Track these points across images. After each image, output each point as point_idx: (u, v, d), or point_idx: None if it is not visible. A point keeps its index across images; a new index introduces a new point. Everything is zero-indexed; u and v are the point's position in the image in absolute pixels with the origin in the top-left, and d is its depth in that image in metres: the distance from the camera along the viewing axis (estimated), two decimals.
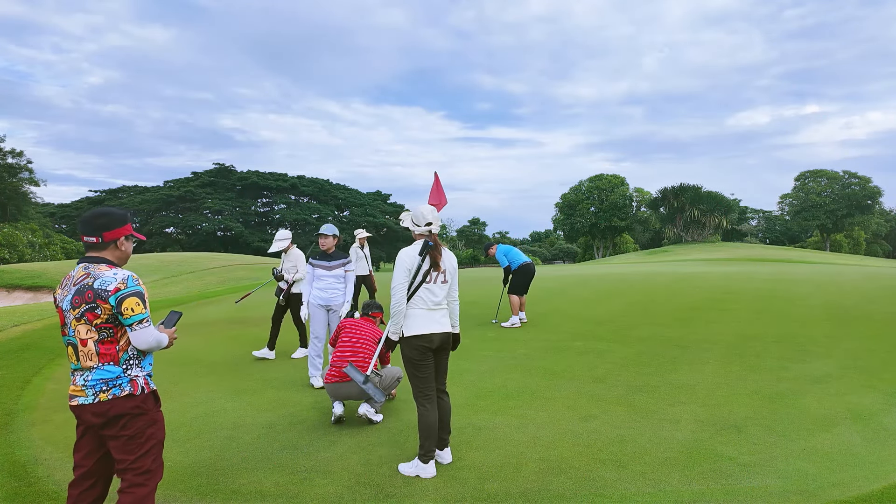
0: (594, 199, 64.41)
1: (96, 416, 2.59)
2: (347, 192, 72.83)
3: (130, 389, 2.61)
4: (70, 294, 2.60)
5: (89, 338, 2.58)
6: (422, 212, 3.92)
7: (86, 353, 2.59)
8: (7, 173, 47.38)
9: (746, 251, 39.64)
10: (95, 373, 2.59)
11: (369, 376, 4.40)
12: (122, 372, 2.61)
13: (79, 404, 2.59)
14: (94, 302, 2.55)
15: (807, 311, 9.37)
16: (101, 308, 2.56)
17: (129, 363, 2.65)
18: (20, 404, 5.48)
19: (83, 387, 2.59)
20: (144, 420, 2.65)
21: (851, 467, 3.69)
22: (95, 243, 2.67)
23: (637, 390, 5.48)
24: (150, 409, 2.68)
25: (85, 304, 2.56)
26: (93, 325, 2.57)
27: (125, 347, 2.64)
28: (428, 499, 3.43)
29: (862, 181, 63.22)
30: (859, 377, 5.72)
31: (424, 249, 3.80)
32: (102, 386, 2.58)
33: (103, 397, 2.57)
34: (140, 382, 2.65)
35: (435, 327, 3.80)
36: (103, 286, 2.55)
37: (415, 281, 3.76)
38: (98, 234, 2.67)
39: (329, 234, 6.12)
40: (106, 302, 2.55)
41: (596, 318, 9.38)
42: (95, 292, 2.55)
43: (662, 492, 3.43)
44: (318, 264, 6.10)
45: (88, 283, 2.58)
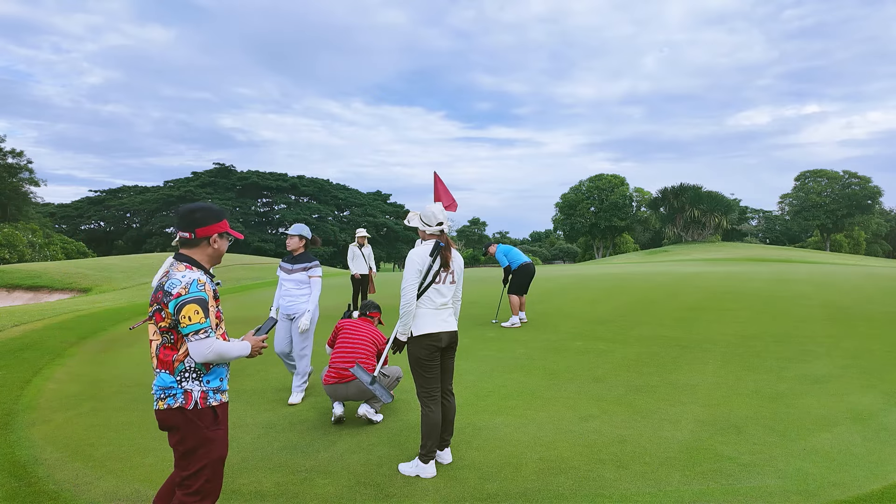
0: (594, 199, 64.40)
1: (159, 422, 2.51)
2: (347, 192, 72.85)
3: (183, 402, 2.45)
4: (153, 291, 2.51)
5: (154, 340, 2.50)
6: (433, 211, 3.92)
7: (153, 355, 2.52)
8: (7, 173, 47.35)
9: (746, 251, 39.64)
10: (157, 378, 2.50)
11: (376, 377, 4.39)
12: (175, 382, 2.47)
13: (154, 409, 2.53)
14: (160, 303, 2.44)
15: (807, 311, 9.37)
16: (166, 311, 2.43)
17: (185, 375, 2.48)
18: (20, 404, 5.48)
19: (153, 391, 2.52)
20: (196, 438, 2.46)
21: (851, 467, 3.69)
22: (188, 239, 2.57)
23: (637, 390, 5.48)
24: (204, 426, 2.48)
25: (155, 304, 2.46)
26: (158, 327, 2.47)
27: (182, 358, 2.48)
28: (428, 499, 3.43)
29: (862, 181, 63.20)
30: (859, 377, 5.72)
31: (436, 250, 3.80)
32: (161, 393, 2.48)
33: (161, 405, 2.48)
34: (195, 396, 2.47)
35: (443, 326, 3.81)
36: (169, 288, 2.42)
37: (425, 281, 3.77)
38: (191, 230, 2.56)
39: (294, 234, 5.45)
40: (167, 306, 2.42)
41: (596, 318, 9.38)
42: (164, 294, 2.43)
43: (662, 492, 3.43)
44: (282, 266, 5.56)
45: (163, 282, 2.48)
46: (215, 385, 2.54)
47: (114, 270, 22.54)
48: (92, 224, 66.11)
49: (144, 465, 3.99)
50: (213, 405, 2.52)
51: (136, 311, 11.70)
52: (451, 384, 4.00)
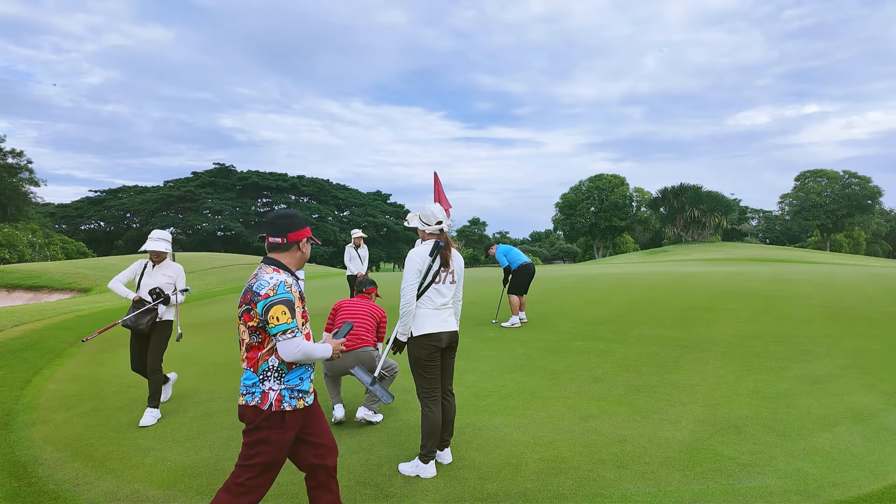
0: (594, 199, 64.40)
1: (238, 415, 2.61)
2: (347, 192, 72.89)
3: (259, 401, 2.54)
4: (242, 293, 2.62)
5: (243, 339, 2.60)
6: (432, 211, 3.93)
7: (242, 354, 2.63)
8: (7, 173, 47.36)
9: (746, 251, 39.65)
10: (244, 375, 2.62)
11: (376, 378, 4.36)
12: (258, 381, 2.56)
13: None
14: (249, 304, 2.54)
15: (807, 311, 9.37)
16: (254, 311, 2.53)
17: (267, 374, 2.56)
18: (20, 404, 5.48)
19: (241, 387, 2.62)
20: (259, 436, 2.54)
21: (851, 467, 3.69)
22: (280, 244, 2.70)
23: (637, 390, 5.48)
24: (269, 426, 2.54)
25: (244, 305, 2.56)
26: (247, 326, 2.57)
27: (266, 357, 2.57)
28: (428, 499, 3.43)
29: (862, 181, 63.21)
30: (859, 377, 5.72)
31: (436, 250, 3.81)
32: (243, 389, 2.59)
33: (241, 400, 2.59)
34: (271, 397, 2.55)
35: (443, 326, 3.80)
36: (258, 289, 2.53)
37: (424, 281, 3.77)
38: (283, 235, 2.70)
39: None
40: (256, 306, 2.52)
41: (596, 318, 9.38)
42: (252, 294, 2.54)
43: (662, 492, 3.43)
44: None
45: (251, 283, 2.58)
46: (294, 383, 2.62)
47: (114, 270, 22.53)
48: (92, 224, 66.14)
49: (144, 465, 3.99)
50: (287, 409, 2.58)
51: None
52: (451, 384, 4.00)
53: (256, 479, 2.55)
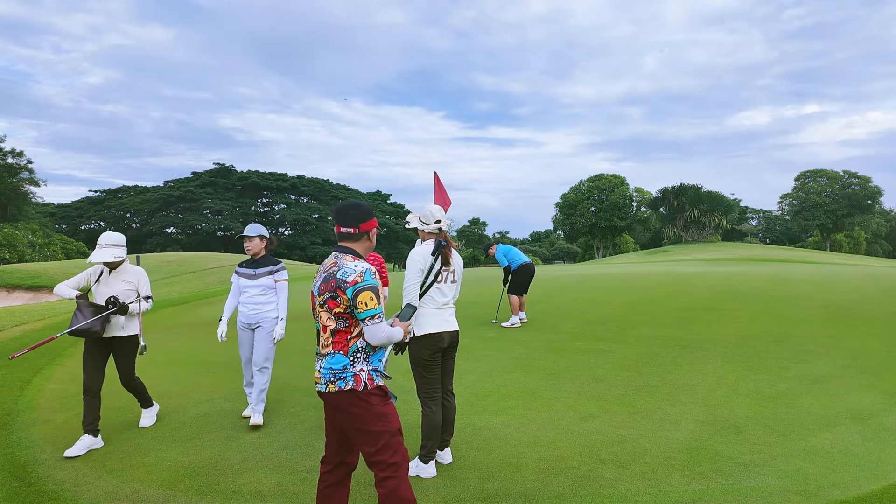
0: (594, 199, 64.40)
1: (330, 406, 2.69)
2: (347, 193, 72.89)
3: (353, 384, 2.62)
4: (319, 280, 2.72)
5: (328, 325, 2.68)
6: (431, 211, 3.94)
7: (324, 340, 2.70)
8: (7, 173, 47.37)
9: (746, 251, 39.65)
10: (327, 360, 2.67)
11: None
12: (348, 363, 2.65)
13: (319, 391, 2.69)
14: (335, 291, 2.63)
15: (807, 311, 9.37)
16: (341, 298, 2.63)
17: (357, 356, 2.67)
18: (20, 404, 5.48)
19: (319, 374, 2.69)
20: (372, 414, 2.63)
21: (851, 467, 3.69)
22: (352, 234, 2.80)
23: (637, 390, 5.48)
24: (375, 403, 2.65)
25: (328, 293, 2.65)
26: (332, 313, 2.66)
27: (355, 339, 2.68)
28: (428, 499, 3.43)
29: (862, 181, 63.22)
30: (859, 377, 5.72)
31: (438, 249, 3.82)
32: (331, 376, 2.65)
33: (332, 388, 2.64)
34: (363, 378, 2.65)
35: (445, 326, 3.80)
36: (344, 277, 2.63)
37: (426, 280, 3.77)
38: (355, 225, 2.79)
39: (254, 235, 4.95)
40: (344, 293, 2.61)
41: (596, 318, 9.38)
42: (337, 282, 2.63)
43: (662, 492, 3.43)
44: (242, 272, 5.01)
45: (334, 272, 2.67)
46: (375, 365, 2.73)
47: None
48: (92, 224, 66.14)
49: (144, 465, 3.99)
50: (379, 384, 2.70)
51: None
52: (451, 384, 4.00)
53: (396, 452, 2.68)
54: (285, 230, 68.46)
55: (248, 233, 4.95)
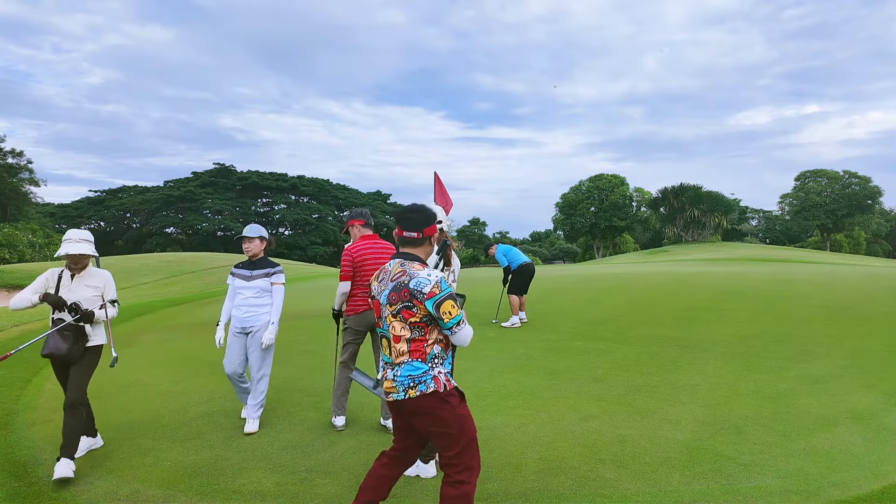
0: (594, 199, 64.37)
1: (411, 412, 2.68)
2: (347, 192, 72.86)
3: (434, 386, 2.63)
4: (387, 289, 2.69)
5: (402, 335, 2.66)
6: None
7: (397, 350, 2.68)
8: (7, 173, 47.36)
9: (746, 251, 39.64)
10: (404, 368, 2.66)
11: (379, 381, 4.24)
12: (427, 368, 2.65)
13: (394, 400, 2.69)
14: (409, 301, 2.61)
15: (807, 311, 9.37)
16: (417, 307, 2.61)
17: (434, 361, 2.68)
18: (20, 404, 5.48)
19: (394, 383, 2.68)
20: (453, 416, 2.65)
21: (851, 467, 3.69)
22: (415, 238, 2.78)
23: (637, 390, 5.48)
24: (455, 404, 2.68)
25: (401, 303, 2.63)
26: (407, 322, 2.64)
27: (431, 346, 2.68)
28: (428, 499, 3.43)
29: (862, 181, 63.20)
30: (859, 377, 5.72)
31: (443, 249, 3.80)
32: (409, 382, 2.64)
33: (412, 394, 2.63)
34: (442, 380, 2.67)
35: None
36: (419, 287, 2.60)
37: None
38: (419, 230, 2.78)
39: (254, 237, 4.76)
40: (422, 303, 2.60)
41: (596, 318, 9.38)
42: (411, 292, 2.61)
43: (662, 492, 3.43)
44: (239, 273, 4.80)
45: (404, 281, 2.64)
46: (448, 368, 2.75)
47: (114, 270, 22.53)
48: (92, 224, 66.13)
49: (144, 465, 3.99)
50: (455, 385, 2.73)
51: (135, 311, 11.71)
52: None
53: (473, 456, 2.69)
54: (285, 230, 68.44)
55: (248, 233, 4.76)
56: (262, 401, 4.76)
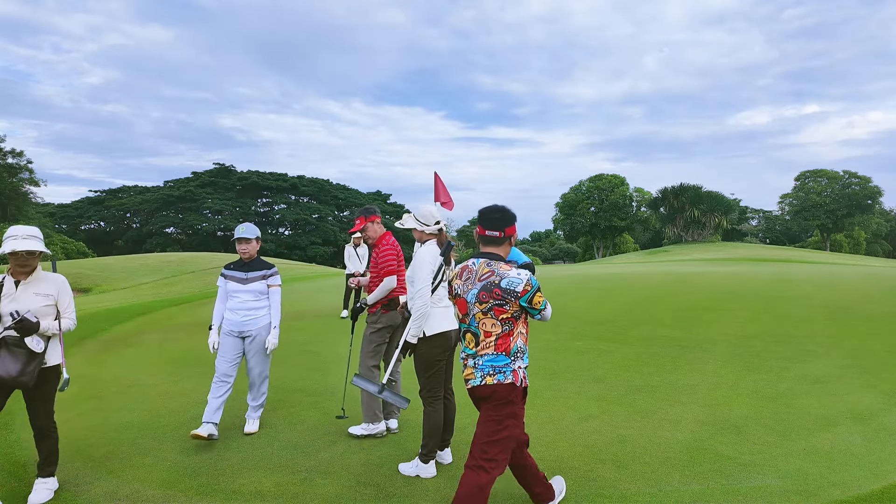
0: (594, 199, 64.39)
1: (481, 396, 2.85)
2: (347, 192, 72.84)
3: (512, 379, 2.79)
4: (476, 289, 2.85)
5: (493, 331, 2.83)
6: (430, 211, 3.94)
7: (486, 343, 2.84)
8: (7, 173, 47.37)
9: (746, 251, 39.64)
10: (487, 358, 2.83)
11: (384, 385, 4.15)
12: (509, 361, 2.81)
13: (472, 387, 2.86)
14: (501, 299, 2.78)
15: (807, 311, 9.37)
16: (509, 305, 2.79)
17: (516, 356, 2.84)
18: (20, 404, 5.47)
19: (474, 370, 2.85)
20: (510, 410, 2.81)
21: (851, 467, 3.69)
22: (497, 238, 2.91)
23: (637, 390, 5.48)
24: (518, 402, 2.84)
25: (492, 301, 2.80)
26: (498, 319, 2.81)
27: (515, 340, 2.84)
28: (428, 499, 3.43)
29: (862, 181, 63.20)
30: (859, 377, 5.72)
31: (448, 250, 3.80)
32: (490, 370, 2.81)
33: (489, 381, 2.80)
34: (520, 375, 2.82)
35: (453, 324, 3.82)
36: (511, 286, 2.77)
37: (435, 280, 3.75)
38: (501, 229, 2.91)
39: (251, 237, 4.62)
40: (515, 301, 2.78)
41: (596, 318, 9.38)
42: (503, 291, 2.78)
43: (662, 492, 3.43)
44: (232, 276, 4.63)
45: (495, 280, 2.80)
46: (526, 363, 2.91)
47: (114, 270, 22.56)
48: (92, 224, 66.16)
49: (144, 465, 3.99)
50: (525, 386, 2.89)
51: (135, 311, 11.72)
52: (451, 383, 4.01)
53: (504, 452, 2.80)
54: (285, 230, 68.44)
55: (246, 234, 4.57)
56: (262, 402, 4.77)
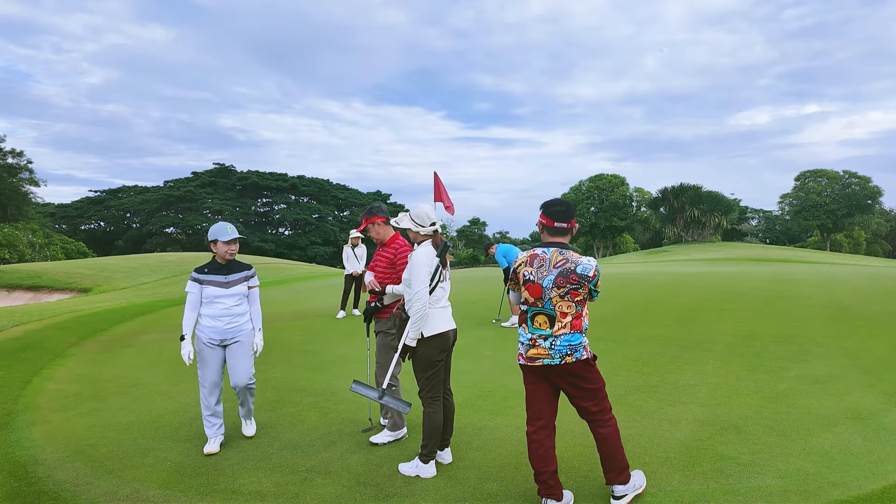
0: (594, 199, 64.36)
1: (558, 374, 3.18)
2: (347, 192, 72.82)
3: (586, 355, 3.16)
4: (552, 275, 3.14)
5: (569, 312, 3.14)
6: (425, 211, 3.90)
7: (562, 324, 3.14)
8: (7, 173, 47.36)
9: (746, 251, 39.63)
10: (563, 339, 3.14)
11: (385, 390, 4.11)
12: (582, 339, 3.16)
13: (544, 364, 3.16)
14: (577, 284, 3.12)
15: (807, 311, 9.37)
16: (583, 288, 3.14)
17: (585, 332, 3.20)
18: (20, 404, 5.48)
19: (549, 350, 3.14)
20: (595, 376, 3.23)
21: (851, 467, 3.69)
22: (565, 228, 3.25)
23: (637, 390, 5.48)
24: (594, 367, 3.24)
25: (569, 285, 3.12)
26: (573, 301, 3.14)
27: (585, 318, 3.20)
28: (428, 499, 3.43)
29: (862, 181, 63.16)
30: (859, 377, 5.72)
31: (444, 251, 3.82)
32: (567, 350, 3.13)
33: (569, 360, 3.13)
34: (589, 350, 3.21)
35: (450, 325, 3.85)
36: (585, 272, 3.14)
37: (432, 282, 3.74)
38: (568, 220, 3.27)
39: (237, 238, 4.31)
40: (587, 284, 3.14)
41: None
42: (579, 276, 3.13)
43: (662, 492, 3.43)
44: (211, 280, 4.25)
45: (570, 267, 3.14)
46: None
47: (114, 270, 22.56)
48: (92, 224, 66.14)
49: (144, 465, 3.99)
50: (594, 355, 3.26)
51: (136, 312, 11.71)
52: (449, 383, 4.03)
53: (606, 399, 3.29)
54: (285, 230, 68.43)
55: (234, 235, 4.27)
56: (252, 404, 4.56)
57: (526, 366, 3.24)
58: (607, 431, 3.25)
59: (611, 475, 3.25)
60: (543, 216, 3.28)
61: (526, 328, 3.23)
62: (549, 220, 3.24)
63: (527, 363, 3.21)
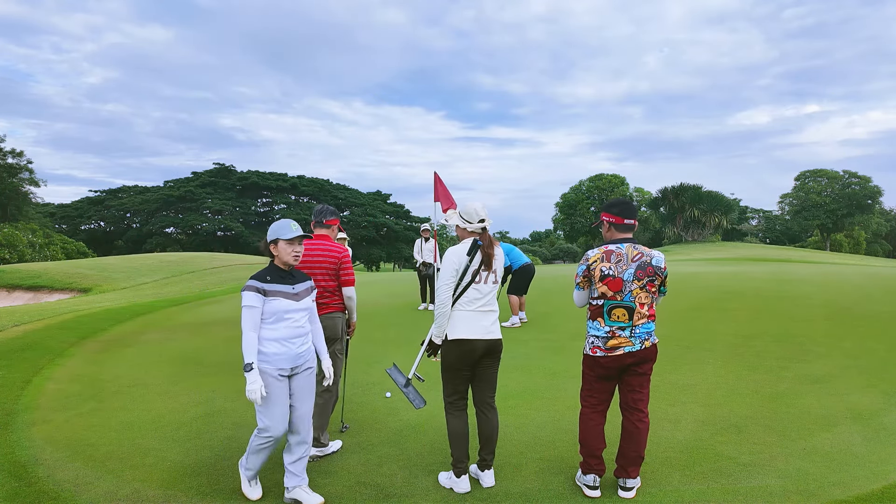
0: (594, 198, 64.36)
1: (637, 358, 3.36)
2: (347, 192, 72.78)
3: (656, 340, 3.42)
4: (631, 269, 3.34)
5: (646, 302, 3.37)
6: (474, 208, 3.66)
7: (640, 314, 3.35)
8: (7, 173, 47.33)
9: (746, 251, 39.61)
10: (642, 327, 3.36)
11: (410, 379, 4.02)
12: (654, 327, 3.40)
13: (624, 352, 3.34)
14: (654, 275, 3.36)
15: (807, 311, 9.36)
16: (657, 279, 3.38)
17: (655, 321, 3.41)
18: (20, 404, 5.48)
19: (630, 338, 3.34)
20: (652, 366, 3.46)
21: (851, 467, 3.69)
22: (633, 225, 3.46)
23: None
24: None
25: (647, 277, 3.34)
26: (650, 292, 3.38)
27: (655, 308, 3.43)
28: (428, 499, 3.43)
29: (862, 181, 63.15)
30: (859, 377, 5.72)
31: (474, 249, 3.55)
32: (646, 336, 3.36)
33: (647, 344, 3.37)
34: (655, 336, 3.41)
35: (480, 333, 3.47)
36: (659, 264, 3.38)
37: (462, 282, 3.51)
38: (635, 217, 3.48)
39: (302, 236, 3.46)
40: (661, 276, 3.38)
41: None
42: (655, 268, 3.36)
43: (662, 492, 3.43)
44: (279, 291, 3.35)
45: (647, 260, 3.37)
46: None
47: (114, 270, 22.55)
48: (92, 224, 66.10)
49: (144, 465, 3.99)
50: None
51: (135, 311, 11.71)
52: (492, 396, 3.62)
53: None
54: None
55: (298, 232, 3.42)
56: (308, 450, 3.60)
57: (604, 357, 3.37)
58: (644, 426, 3.43)
59: (632, 469, 3.40)
60: (611, 215, 3.44)
61: (602, 321, 3.38)
62: (618, 218, 3.41)
63: (606, 354, 3.36)
